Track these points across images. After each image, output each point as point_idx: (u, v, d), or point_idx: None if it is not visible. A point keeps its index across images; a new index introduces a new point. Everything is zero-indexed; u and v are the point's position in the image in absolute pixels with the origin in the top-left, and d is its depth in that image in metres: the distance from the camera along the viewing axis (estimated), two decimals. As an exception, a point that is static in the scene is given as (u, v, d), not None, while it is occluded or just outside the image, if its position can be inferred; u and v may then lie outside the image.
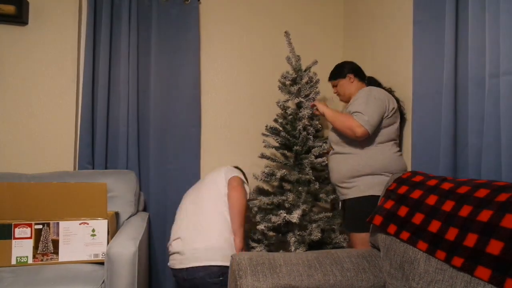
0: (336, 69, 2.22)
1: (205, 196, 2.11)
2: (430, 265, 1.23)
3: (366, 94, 1.95)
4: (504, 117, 1.36)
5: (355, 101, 1.98)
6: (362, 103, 1.92)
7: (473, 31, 1.53)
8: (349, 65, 2.19)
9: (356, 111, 1.92)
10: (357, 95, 2.01)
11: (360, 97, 1.96)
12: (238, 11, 2.80)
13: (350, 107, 2.00)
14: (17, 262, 1.82)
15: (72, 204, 1.89)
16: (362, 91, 2.00)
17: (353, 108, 1.95)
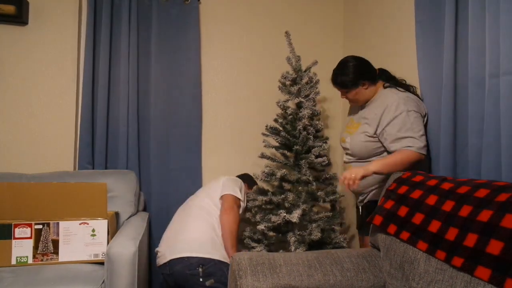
0: (345, 75, 1.87)
1: (197, 204, 2.16)
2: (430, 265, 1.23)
3: (404, 110, 1.72)
4: (504, 117, 1.36)
5: (393, 118, 1.74)
6: (407, 123, 1.70)
7: (473, 31, 1.53)
8: (362, 67, 1.88)
9: (405, 136, 1.70)
10: (387, 106, 1.76)
11: (399, 116, 1.72)
12: (238, 11, 2.80)
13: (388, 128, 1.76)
14: (17, 262, 1.82)
15: (72, 204, 1.89)
16: (393, 103, 1.75)
17: (398, 132, 1.72)
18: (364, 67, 1.89)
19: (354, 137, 1.90)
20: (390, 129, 1.74)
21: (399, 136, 1.71)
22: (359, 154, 1.89)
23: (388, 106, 1.76)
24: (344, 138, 1.99)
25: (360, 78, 1.85)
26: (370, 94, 1.90)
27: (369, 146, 1.84)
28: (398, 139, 1.72)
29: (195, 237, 1.99)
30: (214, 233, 2.04)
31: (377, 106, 1.84)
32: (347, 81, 1.87)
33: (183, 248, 1.94)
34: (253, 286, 1.38)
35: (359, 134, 1.87)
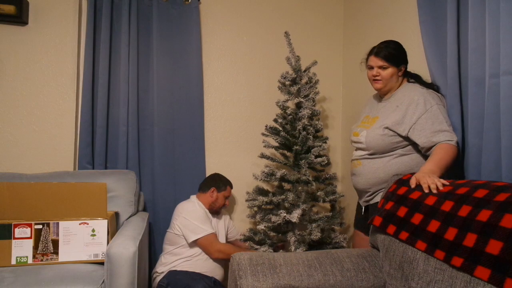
0: (393, 48, 1.81)
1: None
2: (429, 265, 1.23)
3: (434, 104, 1.68)
4: (504, 117, 1.36)
5: (424, 112, 1.68)
6: (440, 117, 1.66)
7: (473, 31, 1.53)
8: (404, 52, 1.85)
9: (442, 129, 1.64)
10: (414, 100, 1.72)
11: (430, 110, 1.67)
12: (238, 11, 2.80)
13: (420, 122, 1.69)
14: (17, 262, 1.82)
15: (72, 204, 1.89)
16: (420, 97, 1.71)
17: (433, 126, 1.65)
18: (405, 53, 1.85)
19: (371, 131, 1.83)
20: (423, 123, 1.67)
21: (436, 129, 1.64)
22: (375, 148, 1.82)
23: (415, 101, 1.71)
24: (358, 132, 1.92)
25: (403, 59, 1.82)
26: (396, 84, 1.84)
27: (387, 140, 1.78)
28: (435, 133, 1.64)
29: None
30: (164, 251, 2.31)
31: (399, 99, 1.79)
32: (393, 55, 1.79)
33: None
34: (253, 286, 1.38)
35: (377, 128, 1.81)
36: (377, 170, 1.82)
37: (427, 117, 1.67)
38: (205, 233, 2.20)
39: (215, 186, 2.41)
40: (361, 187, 1.91)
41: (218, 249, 2.21)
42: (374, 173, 1.83)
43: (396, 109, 1.77)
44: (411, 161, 1.77)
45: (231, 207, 2.76)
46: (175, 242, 2.24)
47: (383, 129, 1.78)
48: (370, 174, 1.85)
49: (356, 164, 1.93)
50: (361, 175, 1.89)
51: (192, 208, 2.29)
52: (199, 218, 2.24)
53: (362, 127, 1.92)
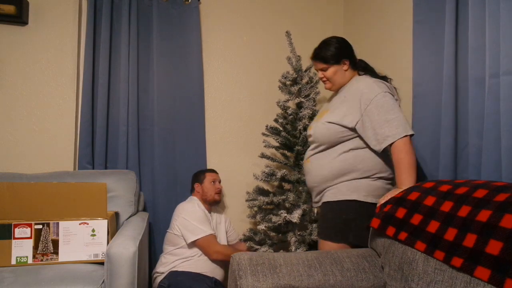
0: (328, 49, 1.81)
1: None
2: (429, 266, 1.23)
3: (379, 92, 1.64)
4: (504, 117, 1.36)
5: (369, 103, 1.64)
6: (385, 105, 1.62)
7: (473, 31, 1.53)
8: (345, 46, 1.84)
9: (386, 120, 1.60)
10: (361, 91, 1.68)
11: (374, 100, 1.64)
12: (238, 11, 2.80)
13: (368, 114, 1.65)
14: (17, 262, 1.82)
15: (72, 204, 1.89)
16: (365, 87, 1.68)
17: (378, 116, 1.62)
18: (347, 46, 1.85)
19: (319, 123, 1.82)
20: (369, 115, 1.63)
21: (382, 120, 1.60)
22: (321, 140, 1.78)
23: (360, 90, 1.69)
24: (312, 126, 1.91)
25: (342, 55, 1.80)
26: (346, 79, 1.82)
27: (333, 130, 1.73)
28: (382, 125, 1.60)
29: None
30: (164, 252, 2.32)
31: (347, 91, 1.77)
32: (329, 56, 1.80)
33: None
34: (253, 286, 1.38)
35: (325, 120, 1.79)
36: (322, 167, 1.79)
37: (373, 107, 1.63)
38: (204, 234, 2.20)
39: (196, 181, 2.44)
40: (309, 185, 1.91)
41: (217, 250, 2.21)
42: (319, 170, 1.80)
43: (343, 100, 1.76)
44: (358, 157, 1.71)
45: (231, 207, 2.76)
46: (175, 243, 2.24)
47: (328, 122, 1.75)
48: (315, 171, 1.82)
49: (306, 161, 1.91)
50: (309, 173, 1.87)
51: (191, 208, 2.29)
52: (198, 218, 2.24)
53: (315, 121, 1.92)
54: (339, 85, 1.85)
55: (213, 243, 2.22)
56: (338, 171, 1.73)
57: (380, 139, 1.61)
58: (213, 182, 2.43)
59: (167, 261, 2.23)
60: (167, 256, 2.25)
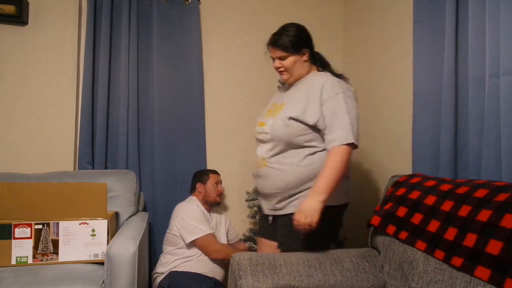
0: (288, 36, 1.65)
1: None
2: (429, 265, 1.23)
3: (340, 92, 1.56)
4: (504, 117, 1.36)
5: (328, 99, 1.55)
6: (343, 107, 1.54)
7: (473, 31, 1.53)
8: (306, 35, 1.71)
9: (338, 124, 1.53)
10: (323, 85, 1.59)
11: (335, 97, 1.55)
12: (238, 11, 2.80)
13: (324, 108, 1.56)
14: (17, 262, 1.82)
15: (72, 204, 1.89)
16: (327, 83, 1.59)
17: (332, 116, 1.54)
18: (308, 36, 1.71)
19: (277, 118, 1.63)
20: (328, 112, 1.55)
21: (333, 123, 1.53)
22: (281, 138, 1.60)
23: (322, 85, 1.58)
24: (264, 122, 1.68)
25: (303, 44, 1.67)
26: (304, 71, 1.70)
27: (293, 126, 1.58)
28: (332, 127, 1.53)
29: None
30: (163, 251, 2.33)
31: (307, 85, 1.65)
32: (289, 43, 1.63)
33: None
34: (253, 286, 1.38)
35: (283, 115, 1.61)
36: (285, 173, 1.60)
37: (330, 105, 1.54)
38: (202, 233, 2.20)
39: (199, 181, 2.42)
40: (267, 191, 1.68)
41: (216, 249, 2.20)
42: (282, 175, 1.61)
43: (303, 94, 1.62)
44: (323, 159, 1.56)
45: (231, 207, 2.76)
46: (175, 243, 2.24)
47: (288, 118, 1.59)
48: (277, 176, 1.62)
49: (261, 163, 1.68)
50: (268, 178, 1.65)
51: (190, 208, 2.29)
52: (197, 218, 2.24)
53: (268, 116, 1.70)
54: (297, 77, 1.70)
55: (212, 242, 2.22)
56: (305, 176, 1.58)
57: (330, 139, 1.54)
58: (216, 184, 2.43)
59: (167, 261, 2.23)
60: (167, 256, 2.25)
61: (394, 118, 2.21)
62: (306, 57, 1.69)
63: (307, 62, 1.70)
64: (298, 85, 1.71)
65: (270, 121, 1.65)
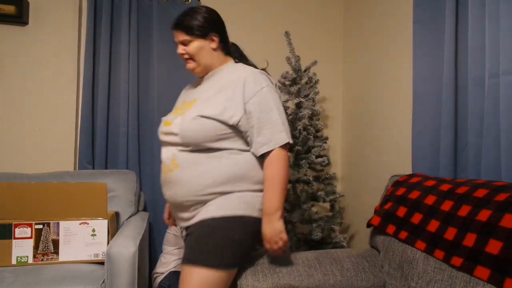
0: (194, 17, 1.41)
1: None
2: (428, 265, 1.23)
3: (265, 86, 1.36)
4: (504, 117, 1.36)
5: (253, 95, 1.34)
6: (270, 103, 1.35)
7: (473, 31, 1.53)
8: (216, 18, 1.48)
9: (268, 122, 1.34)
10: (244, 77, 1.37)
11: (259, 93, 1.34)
12: (238, 11, 2.80)
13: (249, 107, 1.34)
14: (17, 262, 1.82)
15: (72, 204, 1.89)
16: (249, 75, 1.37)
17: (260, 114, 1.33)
18: (219, 20, 1.49)
19: (187, 116, 1.36)
20: (250, 109, 1.33)
21: (261, 124, 1.32)
22: (193, 139, 1.33)
23: (243, 79, 1.36)
24: (171, 121, 1.42)
25: (211, 28, 1.43)
26: (215, 60, 1.46)
27: (208, 125, 1.32)
28: (261, 129, 1.33)
29: None
30: None
31: (223, 77, 1.42)
32: (194, 25, 1.39)
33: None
34: (253, 286, 1.38)
35: (195, 112, 1.35)
36: (203, 175, 1.34)
37: (255, 101, 1.33)
38: None
39: None
40: (179, 198, 1.37)
41: None
42: (198, 178, 1.34)
43: (220, 89, 1.38)
44: (249, 162, 1.37)
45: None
46: (175, 243, 2.24)
47: (201, 116, 1.33)
48: (192, 179, 1.34)
49: (170, 167, 1.38)
50: (179, 183, 1.35)
51: None
52: None
53: (176, 114, 1.44)
54: (206, 66, 1.46)
55: None
56: (226, 178, 1.34)
57: (261, 142, 1.33)
58: None
59: (167, 261, 2.23)
60: (167, 256, 2.25)
61: (394, 118, 2.21)
62: (215, 45, 1.43)
63: (216, 51, 1.45)
64: (211, 78, 1.46)
65: (178, 119, 1.38)
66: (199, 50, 1.43)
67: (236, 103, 1.34)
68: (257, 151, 1.34)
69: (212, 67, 1.47)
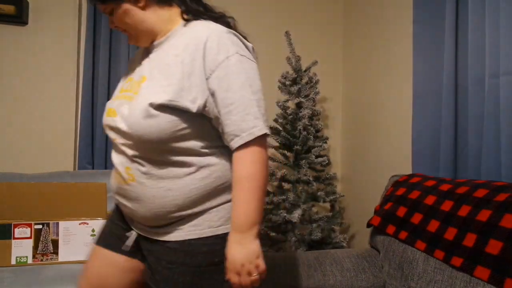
0: None
1: None
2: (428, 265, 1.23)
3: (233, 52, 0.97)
4: (504, 117, 1.36)
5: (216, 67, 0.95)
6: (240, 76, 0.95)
7: (473, 31, 1.53)
8: None
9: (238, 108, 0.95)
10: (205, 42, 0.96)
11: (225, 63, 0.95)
12: (238, 11, 2.79)
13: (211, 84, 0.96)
14: (16, 262, 1.82)
15: (72, 204, 1.89)
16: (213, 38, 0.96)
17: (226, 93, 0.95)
18: None
19: (135, 105, 0.97)
20: (213, 85, 0.96)
21: (228, 103, 0.95)
22: (143, 139, 0.96)
23: (203, 43, 0.96)
24: (115, 109, 1.03)
25: None
26: (154, 25, 1.05)
27: (163, 119, 0.94)
28: (229, 110, 0.95)
29: None
30: None
31: (177, 44, 1.01)
32: None
33: None
34: (253, 286, 1.38)
35: (144, 100, 0.96)
36: (168, 193, 0.98)
37: (219, 76, 0.95)
38: None
39: None
40: (142, 216, 1.03)
41: None
42: (163, 198, 0.99)
43: (173, 61, 0.98)
44: (226, 165, 1.03)
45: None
46: None
47: (153, 106, 0.94)
48: (156, 200, 0.99)
49: (124, 177, 1.02)
50: (139, 202, 1.01)
51: None
52: None
53: (122, 99, 1.04)
54: (144, 34, 1.06)
55: None
56: (200, 196, 1.00)
57: (229, 133, 0.96)
58: None
59: None
60: None
61: (394, 118, 2.21)
62: (143, 2, 1.02)
63: (149, 9, 1.03)
64: (161, 46, 1.06)
65: (125, 109, 0.99)
66: (124, 17, 1.03)
67: (197, 80, 0.95)
68: (229, 146, 0.98)
69: (155, 32, 1.06)
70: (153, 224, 1.04)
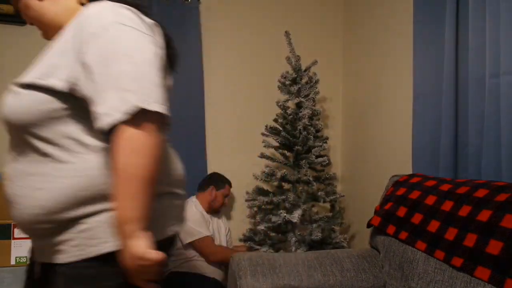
0: None
1: None
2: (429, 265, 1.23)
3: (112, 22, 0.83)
4: (504, 117, 1.36)
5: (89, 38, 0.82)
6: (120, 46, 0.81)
7: (473, 31, 1.53)
8: None
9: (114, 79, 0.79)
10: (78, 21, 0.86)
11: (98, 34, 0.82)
12: (238, 11, 2.80)
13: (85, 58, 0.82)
14: (16, 262, 1.81)
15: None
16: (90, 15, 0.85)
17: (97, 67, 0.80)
18: None
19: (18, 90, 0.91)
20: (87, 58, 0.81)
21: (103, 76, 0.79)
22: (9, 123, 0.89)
23: (87, 20, 0.84)
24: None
25: None
26: (53, 17, 1.00)
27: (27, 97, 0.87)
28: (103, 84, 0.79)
29: None
30: None
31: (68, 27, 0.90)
32: None
33: None
34: (253, 286, 1.38)
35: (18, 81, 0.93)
36: (36, 193, 0.84)
37: (94, 48, 0.81)
38: (200, 235, 2.19)
39: (214, 185, 2.41)
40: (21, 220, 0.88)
41: (213, 252, 2.19)
42: (31, 199, 0.84)
43: (57, 43, 0.91)
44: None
45: (231, 207, 2.76)
46: None
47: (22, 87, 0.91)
48: (25, 201, 0.85)
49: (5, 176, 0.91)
50: (13, 204, 0.87)
51: (189, 210, 2.28)
52: (195, 221, 2.23)
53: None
54: (51, 28, 1.03)
55: (209, 245, 2.21)
56: (77, 198, 0.83)
57: (102, 112, 0.78)
58: (225, 197, 2.43)
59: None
60: None
61: (394, 118, 2.21)
62: None
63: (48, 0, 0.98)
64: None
65: (11, 97, 0.92)
66: (26, 11, 1.00)
67: (70, 56, 0.84)
68: (97, 126, 0.79)
69: (59, 24, 0.97)
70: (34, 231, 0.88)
